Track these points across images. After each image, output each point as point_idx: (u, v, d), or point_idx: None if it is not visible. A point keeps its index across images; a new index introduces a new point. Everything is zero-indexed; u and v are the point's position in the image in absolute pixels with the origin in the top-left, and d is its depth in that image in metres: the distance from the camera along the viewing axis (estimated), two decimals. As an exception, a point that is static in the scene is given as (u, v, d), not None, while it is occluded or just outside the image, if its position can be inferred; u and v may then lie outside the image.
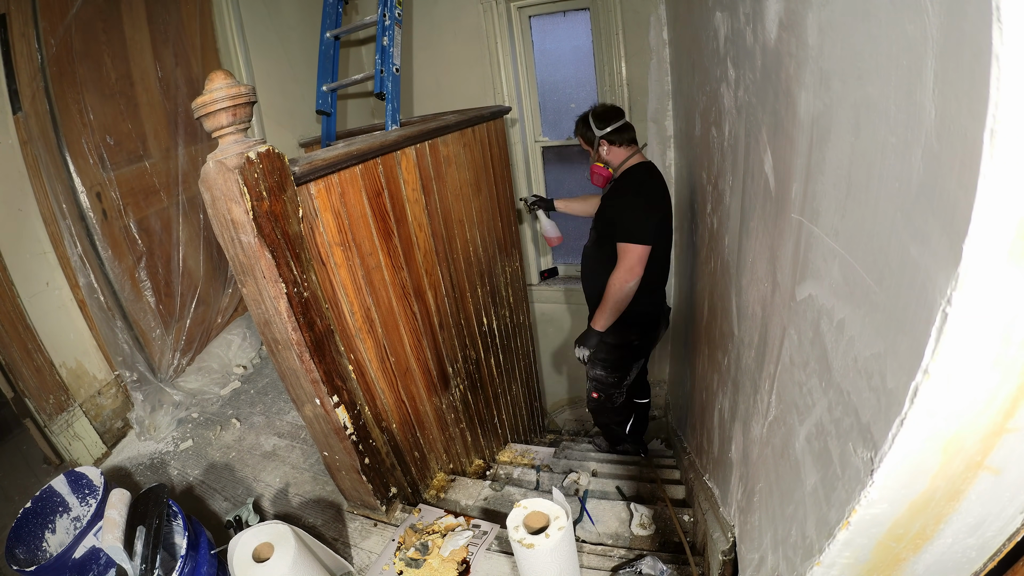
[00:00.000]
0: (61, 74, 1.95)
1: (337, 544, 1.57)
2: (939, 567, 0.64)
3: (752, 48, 1.03)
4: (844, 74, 0.62)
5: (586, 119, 2.08)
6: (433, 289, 1.87)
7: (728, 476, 1.30)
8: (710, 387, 1.64)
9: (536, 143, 3.23)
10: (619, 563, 1.43)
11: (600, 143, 2.04)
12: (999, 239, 0.40)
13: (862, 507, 0.57)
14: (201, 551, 1.23)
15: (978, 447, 0.50)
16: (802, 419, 0.77)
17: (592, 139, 2.06)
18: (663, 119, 2.74)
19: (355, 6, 3.05)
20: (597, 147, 2.06)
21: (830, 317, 0.67)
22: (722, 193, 1.43)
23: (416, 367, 1.79)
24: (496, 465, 2.36)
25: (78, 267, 1.99)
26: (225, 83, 1.05)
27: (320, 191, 1.33)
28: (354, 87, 2.71)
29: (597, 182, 2.18)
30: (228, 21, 2.43)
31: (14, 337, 1.86)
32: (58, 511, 1.44)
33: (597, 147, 2.06)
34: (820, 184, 0.71)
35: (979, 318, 0.43)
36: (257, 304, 1.25)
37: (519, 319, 2.75)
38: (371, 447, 1.52)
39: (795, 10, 0.77)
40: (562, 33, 3.03)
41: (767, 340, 0.98)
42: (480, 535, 1.50)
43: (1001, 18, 0.35)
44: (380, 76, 2.13)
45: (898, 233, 0.51)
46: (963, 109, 0.40)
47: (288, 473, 1.92)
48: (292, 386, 1.40)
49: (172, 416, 2.24)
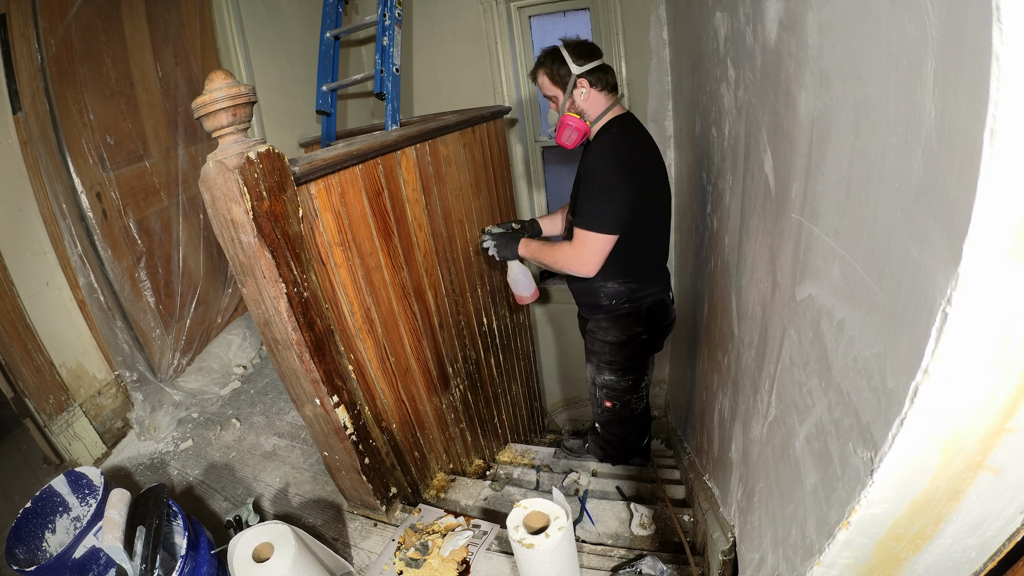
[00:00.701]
0: (61, 74, 1.95)
1: (337, 544, 1.57)
2: (939, 567, 0.64)
3: (752, 48, 1.03)
4: (844, 74, 0.62)
5: (556, 52, 1.59)
6: (433, 289, 1.87)
7: (728, 476, 1.30)
8: (710, 387, 1.64)
9: (536, 143, 3.23)
10: (619, 563, 1.43)
11: (578, 83, 1.58)
12: (999, 239, 0.40)
13: (862, 507, 0.57)
14: (201, 551, 1.23)
15: (978, 447, 0.50)
16: (802, 419, 0.77)
17: (565, 79, 1.59)
18: (663, 119, 2.74)
19: (355, 6, 3.05)
20: (571, 90, 1.58)
21: (830, 317, 0.67)
22: (722, 193, 1.43)
23: (416, 367, 1.79)
24: (496, 465, 2.36)
25: (78, 267, 1.99)
26: (225, 83, 1.05)
27: (320, 191, 1.33)
28: (354, 87, 2.71)
29: (568, 141, 1.65)
30: (228, 21, 2.43)
31: (14, 337, 1.86)
32: (58, 511, 1.43)
33: (571, 90, 1.58)
34: (820, 184, 0.71)
35: (979, 318, 0.43)
36: (257, 304, 1.25)
37: (519, 319, 2.75)
38: (371, 447, 1.52)
39: (795, 10, 0.77)
40: (562, 33, 3.01)
41: (767, 340, 0.98)
42: (480, 535, 1.50)
43: (1001, 18, 0.35)
44: (380, 76, 2.13)
45: (898, 233, 0.51)
46: (963, 109, 0.40)
47: (288, 473, 1.92)
48: (292, 386, 1.40)
49: (172, 416, 2.24)
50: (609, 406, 2.02)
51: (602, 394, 2.01)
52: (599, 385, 1.99)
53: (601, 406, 2.05)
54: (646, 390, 2.04)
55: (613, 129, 1.60)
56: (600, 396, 2.02)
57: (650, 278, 1.76)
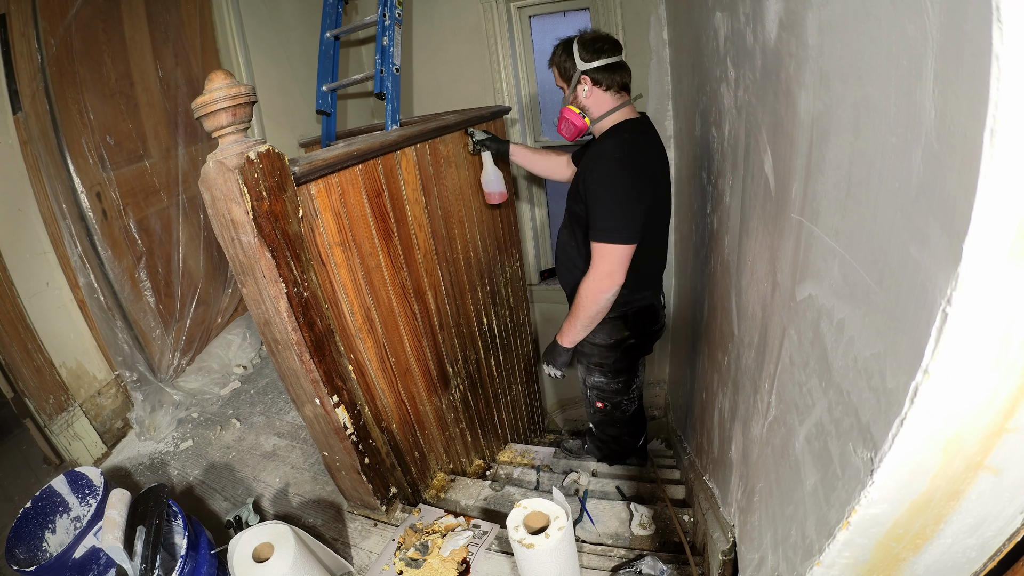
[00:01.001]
0: (61, 74, 1.95)
1: (337, 544, 1.57)
2: (939, 567, 0.64)
3: (752, 48, 1.03)
4: (844, 74, 0.62)
5: (568, 45, 1.56)
6: (433, 289, 1.87)
7: (728, 476, 1.30)
8: (710, 387, 1.64)
9: (536, 143, 3.23)
10: (619, 563, 1.43)
11: (581, 80, 1.54)
12: (999, 239, 0.40)
13: (862, 507, 0.57)
14: (201, 551, 1.23)
15: (978, 447, 0.50)
16: (802, 419, 0.77)
17: (570, 73, 1.55)
18: (663, 119, 2.74)
19: (355, 6, 3.05)
20: (575, 85, 1.56)
21: (830, 317, 0.67)
22: (722, 193, 1.43)
23: (416, 367, 1.79)
24: (496, 465, 2.36)
25: (78, 267, 1.99)
26: (225, 83, 1.05)
27: (320, 191, 1.33)
28: (354, 87, 2.71)
29: (565, 133, 1.64)
30: (228, 21, 2.43)
31: (14, 337, 1.86)
32: (58, 511, 1.43)
33: (575, 85, 1.56)
34: (820, 184, 0.71)
35: (979, 318, 0.43)
36: (257, 304, 1.25)
37: (519, 319, 2.75)
38: (371, 447, 1.52)
39: (795, 10, 0.77)
40: (562, 33, 2.99)
41: (767, 340, 0.98)
42: (480, 535, 1.50)
43: (1001, 18, 0.35)
44: (380, 76, 2.13)
45: (898, 233, 0.51)
46: (963, 109, 0.40)
47: (288, 473, 1.92)
48: (292, 386, 1.40)
49: (172, 416, 2.24)
50: (600, 407, 2.01)
51: (593, 395, 2.00)
52: (589, 386, 1.99)
53: (593, 406, 2.04)
54: (638, 391, 2.03)
55: (625, 134, 1.54)
56: (591, 397, 2.01)
57: (640, 284, 1.72)
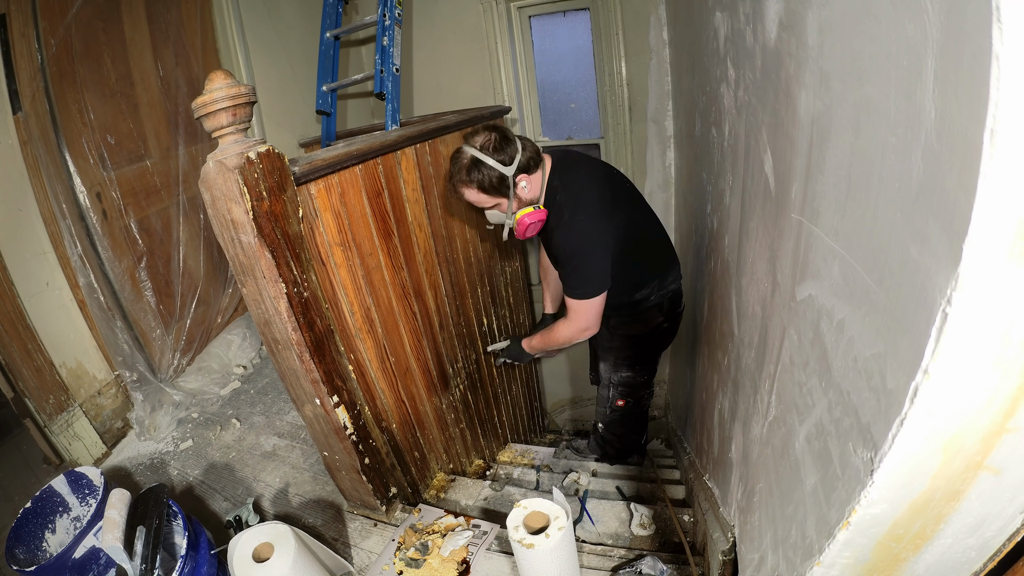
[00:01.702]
0: (61, 74, 1.95)
1: (337, 544, 1.57)
2: (939, 567, 0.64)
3: (752, 48, 1.03)
4: (844, 74, 0.62)
5: (477, 163, 1.42)
6: (433, 289, 1.87)
7: (728, 476, 1.30)
8: (710, 387, 1.64)
9: (536, 143, 3.23)
10: (619, 563, 1.43)
11: (516, 183, 1.46)
12: (999, 239, 0.40)
13: (862, 507, 0.57)
14: (201, 551, 1.23)
15: (978, 447, 0.50)
16: (802, 419, 0.77)
17: (504, 185, 1.44)
18: (663, 119, 2.75)
19: (355, 6, 3.06)
20: (514, 192, 1.46)
21: (830, 317, 0.67)
22: (722, 193, 1.43)
23: (416, 367, 1.79)
24: (496, 465, 2.36)
25: (78, 267, 1.99)
26: (225, 83, 1.05)
27: (320, 191, 1.33)
28: (354, 87, 2.71)
29: (535, 232, 1.57)
30: (228, 21, 2.43)
31: (14, 337, 1.86)
32: (58, 511, 1.43)
33: (514, 192, 1.46)
34: (820, 184, 0.71)
35: (979, 318, 0.43)
36: (257, 304, 1.25)
37: (519, 319, 2.75)
38: (371, 447, 1.52)
39: (795, 10, 0.77)
40: (562, 33, 3.03)
41: (767, 340, 0.98)
42: (480, 535, 1.50)
43: (1001, 18, 0.35)
44: (380, 76, 2.13)
45: (898, 233, 0.51)
46: (963, 109, 0.40)
47: (288, 473, 1.92)
48: (292, 386, 1.40)
49: (172, 416, 2.24)
50: (621, 404, 2.02)
51: (616, 392, 2.00)
52: (615, 384, 1.99)
53: (611, 406, 2.04)
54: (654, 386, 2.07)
55: (558, 195, 1.54)
56: (613, 395, 2.01)
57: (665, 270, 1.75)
